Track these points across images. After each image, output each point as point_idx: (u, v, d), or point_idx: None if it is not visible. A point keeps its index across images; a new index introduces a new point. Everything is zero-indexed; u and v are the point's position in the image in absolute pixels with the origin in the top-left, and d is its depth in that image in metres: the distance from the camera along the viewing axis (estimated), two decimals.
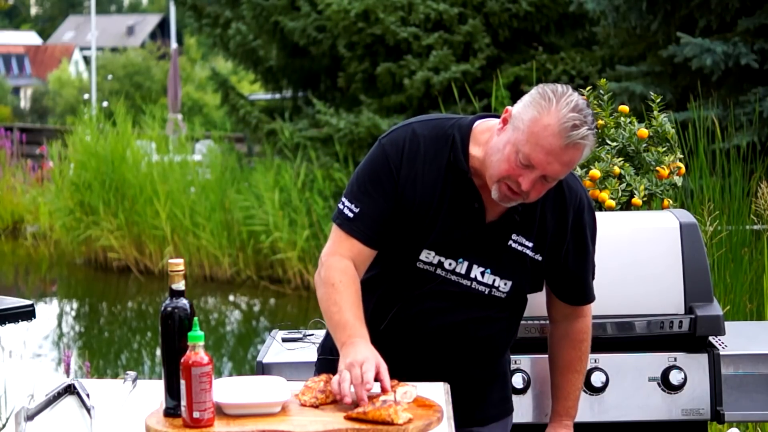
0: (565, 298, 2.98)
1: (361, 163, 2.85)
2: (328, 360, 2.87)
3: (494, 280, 2.81)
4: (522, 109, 2.66)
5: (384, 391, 2.55)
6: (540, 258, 2.84)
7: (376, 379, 2.56)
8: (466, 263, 2.79)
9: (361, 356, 2.58)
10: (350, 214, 2.78)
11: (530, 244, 2.82)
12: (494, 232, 2.79)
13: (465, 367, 2.89)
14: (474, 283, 2.80)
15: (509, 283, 2.82)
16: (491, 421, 2.97)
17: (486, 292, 2.82)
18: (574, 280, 2.94)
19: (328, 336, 2.94)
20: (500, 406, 3.01)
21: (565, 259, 2.88)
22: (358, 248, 2.78)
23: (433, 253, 2.78)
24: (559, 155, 2.61)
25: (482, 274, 2.80)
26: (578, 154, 2.63)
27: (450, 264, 2.79)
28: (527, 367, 3.24)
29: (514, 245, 2.81)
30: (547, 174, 2.64)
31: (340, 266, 2.76)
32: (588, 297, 3.00)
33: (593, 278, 2.98)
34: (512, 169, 2.64)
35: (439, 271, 2.79)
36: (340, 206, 2.81)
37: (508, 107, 2.70)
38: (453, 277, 2.80)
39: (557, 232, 2.84)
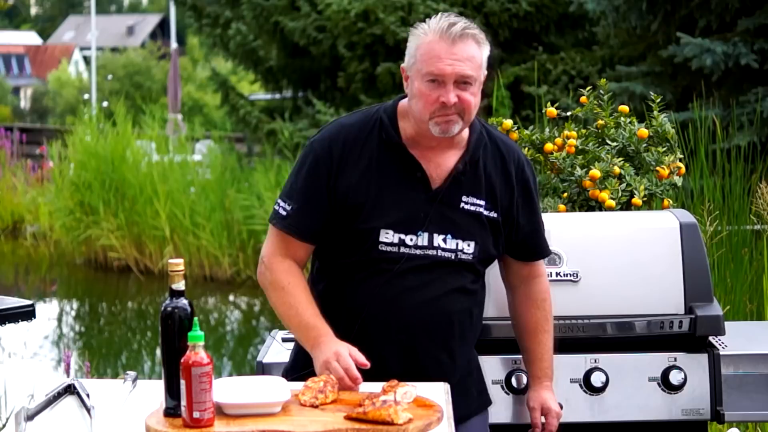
0: (523, 256, 3.02)
1: (293, 165, 2.93)
2: (300, 377, 2.87)
3: (457, 244, 2.85)
4: (408, 53, 2.84)
5: (358, 382, 2.65)
6: (495, 215, 2.89)
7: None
8: (426, 234, 2.83)
9: (333, 351, 2.70)
10: (283, 213, 2.87)
11: (482, 203, 2.88)
12: (444, 198, 2.84)
13: (449, 352, 2.90)
14: (439, 251, 2.84)
15: (472, 244, 2.86)
16: (473, 414, 2.99)
17: (453, 258, 2.85)
18: (529, 234, 2.98)
19: (296, 357, 2.98)
20: (479, 399, 3.04)
21: (518, 213, 2.94)
22: (295, 245, 2.87)
23: (391, 232, 2.82)
24: (453, 54, 2.74)
25: (444, 240, 2.84)
26: (471, 46, 2.76)
27: (411, 239, 2.82)
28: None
29: (467, 206, 2.86)
30: (457, 76, 2.74)
31: (283, 267, 2.86)
32: (544, 250, 3.05)
33: (544, 231, 3.04)
34: (430, 96, 2.75)
35: (402, 249, 2.82)
36: (275, 207, 2.90)
37: (402, 65, 2.85)
38: (418, 251, 2.83)
39: (505, 188, 2.91)
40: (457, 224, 2.85)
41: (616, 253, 3.30)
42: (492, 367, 3.20)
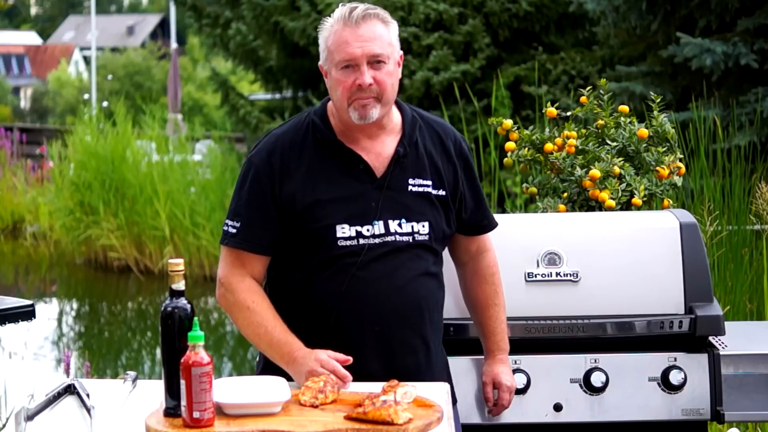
0: (471, 230, 3.05)
1: (235, 185, 2.95)
2: None
3: (412, 227, 2.89)
4: (320, 49, 2.90)
5: (348, 380, 2.66)
6: (444, 193, 2.93)
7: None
8: (380, 222, 2.86)
9: (314, 359, 2.73)
10: (233, 230, 2.89)
11: (429, 183, 2.92)
12: (391, 183, 2.88)
13: (423, 339, 2.91)
14: (396, 236, 2.87)
15: (426, 225, 2.90)
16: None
17: (411, 240, 2.88)
18: (475, 208, 3.03)
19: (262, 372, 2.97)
20: (453, 395, 3.02)
21: (464, 188, 2.98)
22: (250, 260, 2.89)
23: (347, 226, 2.84)
24: (360, 36, 2.80)
25: (399, 225, 2.88)
26: (377, 25, 2.82)
27: (368, 229, 2.85)
28: (527, 367, 3.24)
29: (414, 188, 2.90)
30: (368, 56, 2.80)
31: (244, 286, 2.87)
32: (492, 221, 3.09)
33: (487, 204, 3.09)
34: (346, 81, 2.81)
35: (362, 240, 2.85)
36: (224, 228, 2.92)
37: (320, 63, 2.91)
38: (376, 240, 2.86)
39: (448, 165, 2.96)
40: (409, 207, 2.89)
41: (616, 253, 3.30)
42: None
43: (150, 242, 13.15)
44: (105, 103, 27.77)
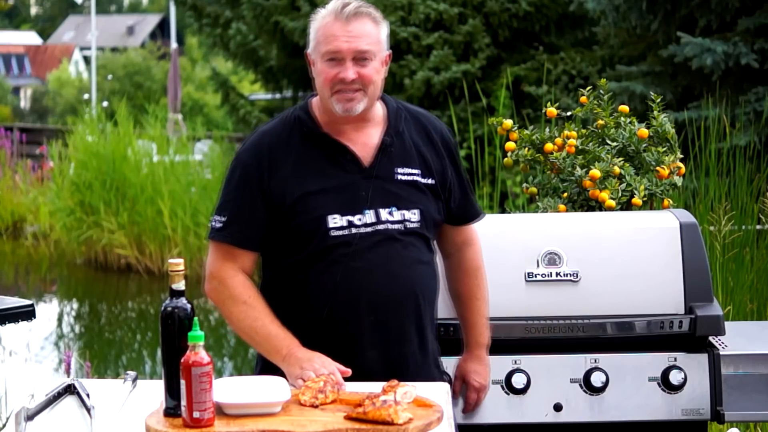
0: (459, 220, 3.07)
1: (223, 181, 2.97)
2: None
3: (403, 214, 2.90)
4: (309, 39, 2.95)
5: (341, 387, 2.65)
6: (432, 181, 2.95)
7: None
8: (371, 211, 2.87)
9: (307, 358, 2.74)
10: (219, 225, 2.91)
11: (417, 171, 2.94)
12: (379, 172, 2.90)
13: (419, 329, 2.91)
14: (388, 224, 2.88)
15: (417, 212, 2.91)
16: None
17: (403, 228, 2.89)
18: (462, 198, 3.04)
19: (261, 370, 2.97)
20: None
21: (451, 179, 3.00)
22: (238, 255, 2.90)
23: (338, 216, 2.86)
24: (349, 31, 2.84)
25: (390, 213, 2.89)
26: (366, 23, 2.86)
27: (359, 219, 2.87)
28: (527, 367, 3.24)
29: (403, 177, 2.92)
30: (354, 52, 2.83)
31: (239, 281, 2.89)
32: (478, 212, 3.11)
33: (473, 195, 3.11)
34: (329, 73, 2.85)
35: (353, 230, 2.86)
36: (211, 224, 2.93)
37: (307, 51, 2.94)
38: (368, 229, 2.87)
39: (435, 155, 2.98)
40: (398, 195, 2.90)
41: (616, 253, 3.30)
42: (492, 367, 3.20)
43: (151, 242, 13.15)
44: (105, 103, 27.77)
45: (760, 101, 8.11)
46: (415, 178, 2.93)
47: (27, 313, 3.89)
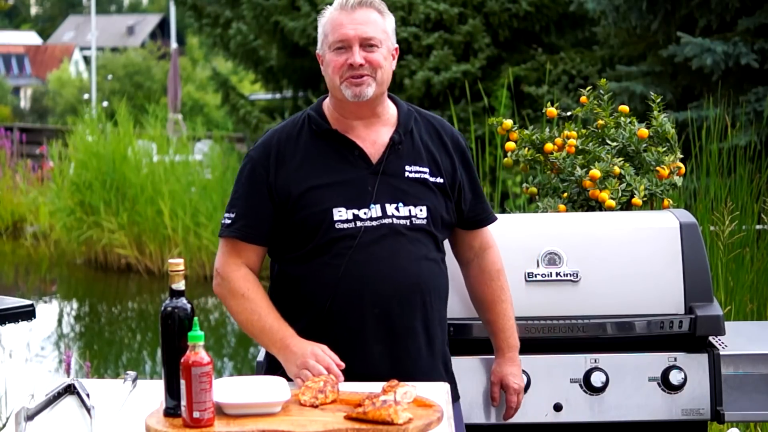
0: (473, 224, 3.06)
1: (235, 179, 3.00)
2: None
3: (410, 210, 2.91)
4: (318, 37, 2.98)
5: (340, 379, 2.66)
6: (441, 181, 2.96)
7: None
8: (377, 206, 2.88)
9: (309, 351, 2.75)
10: (228, 221, 2.93)
11: (426, 170, 2.95)
12: (387, 169, 2.91)
13: (424, 323, 2.91)
14: (393, 219, 2.89)
15: (424, 209, 2.92)
16: (453, 400, 2.96)
17: (409, 224, 2.89)
18: (474, 201, 3.04)
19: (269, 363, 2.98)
20: (454, 391, 3.02)
21: (462, 180, 3.00)
22: (245, 250, 2.93)
23: (344, 210, 2.87)
24: (354, 19, 2.88)
25: (397, 209, 2.90)
26: (371, 13, 2.90)
27: (365, 212, 2.87)
28: (527, 367, 3.24)
29: (411, 174, 2.93)
30: (361, 39, 2.87)
31: (240, 275, 2.91)
32: (491, 215, 3.11)
33: (486, 199, 3.12)
34: (338, 61, 2.89)
35: (359, 223, 2.87)
36: (222, 221, 2.96)
37: (317, 52, 2.99)
38: (374, 223, 2.87)
39: (445, 156, 2.99)
40: (406, 191, 2.91)
41: (616, 253, 3.30)
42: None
43: (151, 242, 13.15)
44: (105, 103, 27.77)
45: (761, 101, 8.11)
46: (424, 176, 2.93)
47: (27, 313, 3.89)
